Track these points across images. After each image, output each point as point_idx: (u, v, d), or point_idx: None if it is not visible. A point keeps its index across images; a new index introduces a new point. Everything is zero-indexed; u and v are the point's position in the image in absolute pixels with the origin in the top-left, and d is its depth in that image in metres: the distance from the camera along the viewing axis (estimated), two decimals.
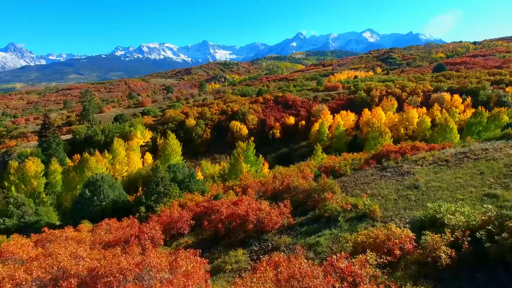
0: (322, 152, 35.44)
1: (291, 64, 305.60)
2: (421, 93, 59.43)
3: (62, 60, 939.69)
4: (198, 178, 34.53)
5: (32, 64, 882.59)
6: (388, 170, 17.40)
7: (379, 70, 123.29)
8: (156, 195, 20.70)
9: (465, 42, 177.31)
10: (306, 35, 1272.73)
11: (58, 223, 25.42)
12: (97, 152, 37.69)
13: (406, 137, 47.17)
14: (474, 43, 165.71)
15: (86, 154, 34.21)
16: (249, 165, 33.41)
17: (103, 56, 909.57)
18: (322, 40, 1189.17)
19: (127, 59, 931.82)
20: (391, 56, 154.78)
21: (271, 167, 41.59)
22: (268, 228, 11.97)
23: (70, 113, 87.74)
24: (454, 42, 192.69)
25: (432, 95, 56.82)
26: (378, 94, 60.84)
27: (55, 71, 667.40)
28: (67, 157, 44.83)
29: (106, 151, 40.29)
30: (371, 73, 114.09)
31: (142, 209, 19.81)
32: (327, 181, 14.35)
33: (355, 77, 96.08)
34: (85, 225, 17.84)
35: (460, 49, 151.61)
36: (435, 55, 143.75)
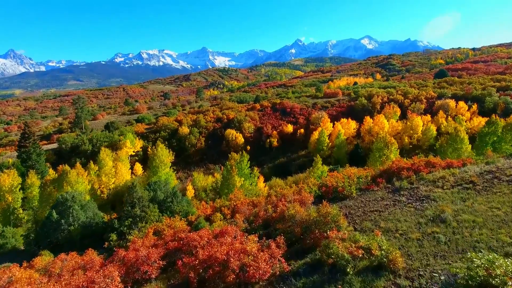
0: (322, 164, 32.62)
1: (290, 70, 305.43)
2: (425, 100, 57.19)
3: (61, 66, 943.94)
4: (187, 193, 31.81)
5: (31, 70, 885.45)
6: (401, 193, 14.63)
7: (378, 76, 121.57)
8: (130, 219, 17.81)
9: (464, 48, 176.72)
10: (305, 42, 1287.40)
11: (22, 247, 22.41)
12: (78, 164, 34.83)
13: (411, 146, 44.72)
14: (473, 49, 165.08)
15: (66, 167, 31.33)
16: (243, 178, 30.50)
17: (103, 62, 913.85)
18: (320, 46, 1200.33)
19: (126, 65, 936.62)
20: (390, 62, 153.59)
21: (268, 178, 38.75)
22: (254, 280, 9.14)
23: (63, 120, 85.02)
24: (452, 48, 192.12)
25: (436, 102, 54.47)
26: (380, 101, 58.46)
27: (55, 77, 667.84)
28: (50, 169, 41.96)
29: (92, 162, 37.57)
30: (370, 79, 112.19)
31: (113, 236, 16.89)
32: (329, 210, 11.57)
33: (355, 83, 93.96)
34: (41, 259, 14.92)
35: (459, 55, 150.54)
36: (434, 61, 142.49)
